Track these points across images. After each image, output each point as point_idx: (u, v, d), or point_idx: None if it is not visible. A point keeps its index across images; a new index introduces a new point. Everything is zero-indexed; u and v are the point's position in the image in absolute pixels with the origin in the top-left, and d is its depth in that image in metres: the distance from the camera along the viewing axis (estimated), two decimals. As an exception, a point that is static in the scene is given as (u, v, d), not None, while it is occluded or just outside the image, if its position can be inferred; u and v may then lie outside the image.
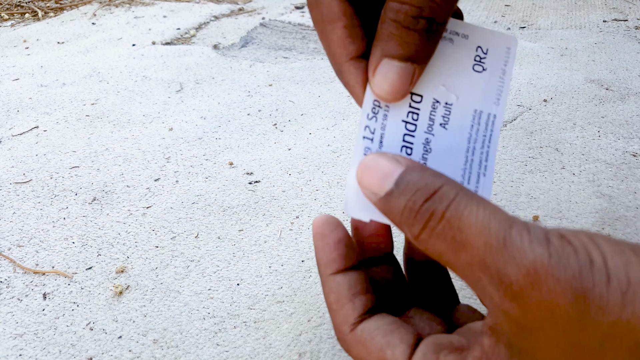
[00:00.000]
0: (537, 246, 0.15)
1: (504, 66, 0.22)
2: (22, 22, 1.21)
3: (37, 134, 0.68)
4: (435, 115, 0.21)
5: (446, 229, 0.17)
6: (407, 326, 0.21)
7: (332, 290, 0.22)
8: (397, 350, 0.19)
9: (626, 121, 0.69)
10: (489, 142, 0.22)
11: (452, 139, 0.21)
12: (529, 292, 0.15)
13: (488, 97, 0.22)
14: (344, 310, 0.21)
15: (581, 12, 1.21)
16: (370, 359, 0.20)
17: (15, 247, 0.48)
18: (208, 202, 0.53)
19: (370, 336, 0.20)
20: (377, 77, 0.20)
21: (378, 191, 0.19)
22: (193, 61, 0.92)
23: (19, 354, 0.37)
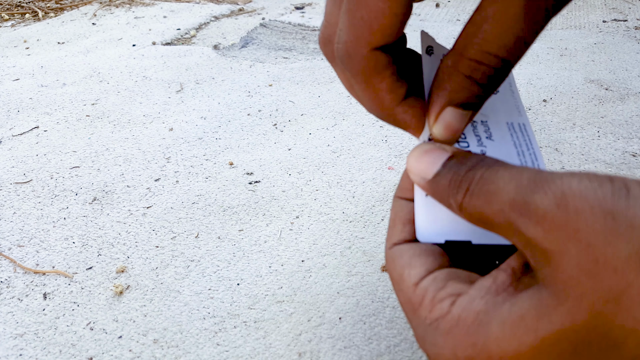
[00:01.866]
0: (568, 176, 0.16)
1: (510, 86, 0.26)
2: (22, 23, 1.21)
3: (37, 134, 0.68)
4: (479, 132, 0.24)
5: (483, 185, 0.18)
6: (437, 256, 0.22)
7: (393, 209, 0.24)
8: (414, 271, 0.21)
9: (626, 121, 0.69)
10: (532, 144, 0.24)
11: (502, 146, 0.23)
12: (554, 213, 0.16)
13: (510, 111, 0.25)
14: (394, 229, 0.23)
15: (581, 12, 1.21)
16: (393, 274, 0.22)
17: (15, 247, 0.48)
18: (208, 202, 0.53)
19: (399, 255, 0.22)
20: (439, 122, 0.22)
21: (427, 175, 0.20)
22: (193, 61, 0.92)
23: (19, 353, 0.37)
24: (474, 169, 0.19)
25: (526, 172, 0.17)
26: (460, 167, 0.19)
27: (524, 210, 0.16)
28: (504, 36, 0.19)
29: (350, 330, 0.38)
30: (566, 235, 0.15)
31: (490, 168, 0.18)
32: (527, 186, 0.17)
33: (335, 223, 0.50)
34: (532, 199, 0.16)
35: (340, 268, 0.44)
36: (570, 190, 0.16)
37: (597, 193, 0.15)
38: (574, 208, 0.15)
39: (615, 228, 0.15)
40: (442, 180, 0.20)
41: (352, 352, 0.37)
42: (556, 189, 0.16)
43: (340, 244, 0.47)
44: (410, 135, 0.66)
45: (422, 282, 0.20)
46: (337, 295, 0.41)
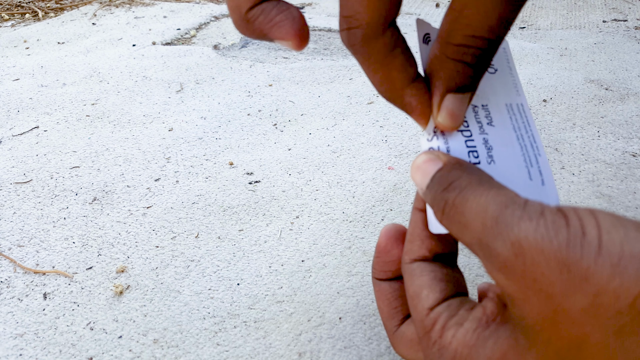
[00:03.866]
0: (526, 221, 0.16)
1: (508, 63, 0.26)
2: (22, 23, 1.21)
3: (37, 134, 0.68)
4: (480, 118, 0.24)
5: (454, 213, 0.19)
6: (455, 283, 0.22)
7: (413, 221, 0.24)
8: (432, 295, 0.21)
9: (626, 121, 0.69)
10: (529, 126, 0.24)
11: (502, 132, 0.24)
12: (513, 264, 0.16)
13: (509, 91, 0.25)
14: (413, 244, 0.23)
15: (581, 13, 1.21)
16: (410, 290, 0.22)
17: (15, 247, 0.48)
18: (208, 202, 0.53)
19: (420, 273, 0.22)
20: (442, 112, 0.22)
21: (422, 187, 0.22)
22: (193, 61, 0.92)
23: (19, 353, 0.37)
24: (446, 190, 0.20)
25: (492, 207, 0.17)
26: (438, 186, 0.20)
27: (489, 255, 0.17)
28: (486, 18, 0.20)
29: (351, 330, 0.38)
30: (526, 284, 0.16)
31: (460, 194, 0.19)
32: (490, 228, 0.17)
33: (335, 223, 0.50)
34: (494, 245, 0.17)
35: (340, 268, 0.44)
36: (526, 240, 0.16)
37: (552, 243, 0.15)
38: (530, 259, 0.16)
39: (570, 280, 0.15)
40: (429, 194, 0.21)
41: (352, 352, 0.37)
42: (514, 237, 0.16)
43: (340, 244, 0.47)
44: (410, 135, 0.66)
45: (438, 307, 0.21)
46: (337, 295, 0.41)
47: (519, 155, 0.23)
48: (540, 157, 0.24)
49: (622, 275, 0.14)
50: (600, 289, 0.15)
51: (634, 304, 0.14)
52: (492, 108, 0.24)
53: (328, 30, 1.11)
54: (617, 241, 0.15)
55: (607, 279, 0.15)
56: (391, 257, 0.25)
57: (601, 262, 0.15)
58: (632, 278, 0.14)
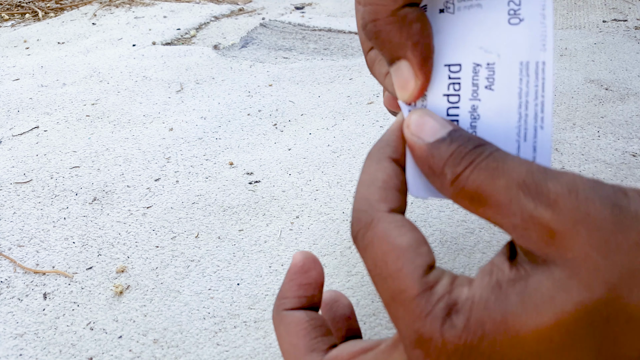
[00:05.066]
0: (576, 174, 0.17)
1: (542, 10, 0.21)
2: (22, 23, 1.21)
3: (37, 134, 0.68)
4: (478, 80, 0.21)
5: (490, 161, 0.18)
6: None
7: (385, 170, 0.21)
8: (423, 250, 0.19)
9: (626, 121, 0.69)
10: (543, 91, 0.21)
11: (501, 98, 0.21)
12: (566, 199, 0.16)
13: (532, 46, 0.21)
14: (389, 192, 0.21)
15: (581, 13, 1.21)
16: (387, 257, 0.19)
17: (15, 247, 0.48)
18: (208, 202, 0.53)
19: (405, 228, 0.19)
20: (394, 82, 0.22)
21: (427, 137, 0.19)
22: (193, 61, 0.92)
23: (19, 353, 0.37)
24: (482, 147, 0.18)
25: (536, 165, 0.18)
26: (468, 142, 0.19)
27: (535, 192, 0.17)
28: None
29: (350, 330, 0.38)
30: (577, 218, 0.16)
31: (499, 150, 0.18)
32: (539, 172, 0.17)
33: (335, 223, 0.50)
34: (545, 183, 0.17)
35: (340, 268, 0.44)
36: (581, 181, 0.17)
37: (602, 190, 0.17)
38: (584, 196, 0.16)
39: (622, 217, 0.16)
40: (443, 147, 0.19)
41: (352, 352, 0.36)
42: (568, 179, 0.17)
43: (340, 244, 0.47)
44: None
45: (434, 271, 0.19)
46: (337, 295, 0.41)
47: (512, 127, 0.21)
48: (542, 131, 0.21)
49: None
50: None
51: None
52: (499, 67, 0.21)
53: (328, 30, 1.11)
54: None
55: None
56: (308, 279, 0.24)
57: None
58: None
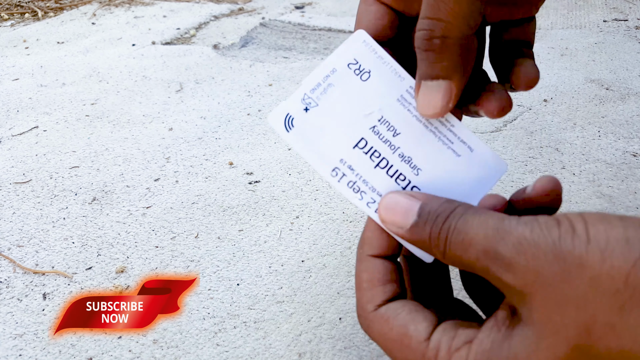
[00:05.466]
0: (522, 225, 0.18)
1: (375, 54, 0.24)
2: (22, 22, 1.21)
3: (36, 134, 0.68)
4: (384, 136, 0.23)
5: (457, 236, 0.19)
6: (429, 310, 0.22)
7: (367, 270, 0.23)
8: (420, 327, 0.21)
9: (626, 121, 0.69)
10: (449, 121, 0.24)
11: (410, 133, 0.23)
12: (517, 261, 0.18)
13: (393, 83, 0.24)
14: (374, 291, 0.23)
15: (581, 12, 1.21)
16: (391, 335, 0.21)
17: (15, 247, 0.47)
18: (208, 202, 0.53)
19: (394, 314, 0.22)
20: (419, 99, 0.23)
21: (404, 225, 0.21)
22: (193, 61, 0.92)
23: (19, 354, 0.37)
24: (448, 220, 0.20)
25: (491, 221, 0.19)
26: (437, 218, 0.20)
27: (494, 259, 0.18)
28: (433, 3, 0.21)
29: (350, 330, 0.38)
30: (531, 278, 0.17)
31: (461, 217, 0.20)
32: (493, 237, 0.18)
33: (335, 223, 0.50)
34: (499, 249, 0.18)
35: (340, 268, 0.44)
36: (525, 239, 0.18)
37: (547, 239, 0.17)
38: (530, 254, 0.17)
39: (567, 269, 0.17)
40: (421, 231, 0.21)
41: (352, 353, 0.36)
42: (514, 238, 0.18)
43: (340, 244, 0.47)
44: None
45: (433, 335, 0.20)
46: (337, 295, 0.41)
47: (435, 142, 0.23)
48: (455, 127, 0.23)
49: (611, 258, 0.16)
50: (595, 273, 0.16)
51: (627, 281, 0.16)
52: (387, 115, 0.23)
53: (328, 29, 1.11)
54: (602, 230, 0.17)
55: (599, 263, 0.16)
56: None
57: (591, 249, 0.16)
58: (620, 258, 0.16)
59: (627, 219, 0.17)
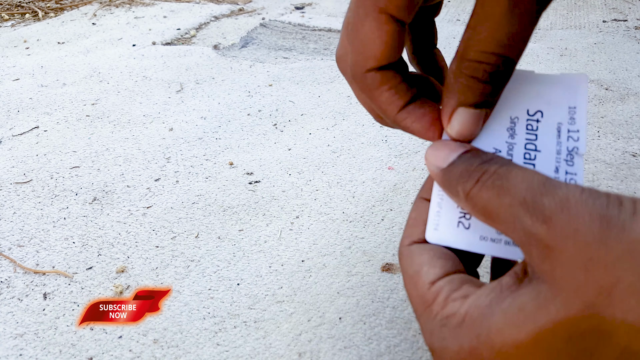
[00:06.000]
0: (573, 188, 0.18)
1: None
2: (22, 22, 1.21)
3: (37, 134, 0.68)
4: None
5: (496, 179, 0.19)
6: (456, 262, 0.23)
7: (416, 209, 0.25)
8: (432, 271, 0.22)
9: (626, 121, 0.69)
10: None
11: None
12: (558, 215, 0.17)
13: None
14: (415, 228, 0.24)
15: (581, 13, 1.21)
16: (409, 270, 0.23)
17: (15, 247, 0.48)
18: (208, 202, 0.53)
19: (419, 252, 0.23)
20: (452, 124, 0.23)
21: (442, 164, 0.22)
22: (193, 61, 0.92)
23: (19, 353, 0.37)
24: (487, 163, 0.20)
25: (537, 176, 0.19)
26: (474, 159, 0.21)
27: (533, 209, 0.18)
28: (497, 34, 0.21)
29: (350, 330, 0.38)
30: (567, 234, 0.17)
31: (503, 166, 0.20)
32: (537, 189, 0.18)
33: (335, 223, 0.50)
34: (541, 201, 0.18)
35: (340, 268, 0.44)
36: (573, 197, 0.18)
37: (595, 202, 0.17)
38: (575, 212, 0.17)
39: (608, 231, 0.17)
40: (454, 169, 0.21)
41: (352, 352, 0.37)
42: (562, 194, 0.18)
43: (340, 244, 0.47)
44: (410, 135, 0.66)
45: (439, 281, 0.21)
46: (337, 295, 0.41)
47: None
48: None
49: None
50: (635, 238, 0.16)
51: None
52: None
53: (328, 30, 1.11)
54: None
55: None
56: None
57: (636, 219, 0.17)
58: None
59: None
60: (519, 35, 0.21)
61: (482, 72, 0.21)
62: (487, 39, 0.21)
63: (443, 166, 0.22)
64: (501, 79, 0.22)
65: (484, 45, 0.21)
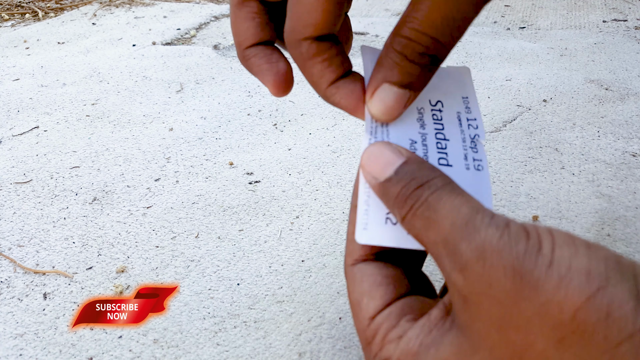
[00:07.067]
0: (493, 229, 0.17)
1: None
2: (22, 23, 1.21)
3: (37, 134, 0.68)
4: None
5: (425, 210, 0.19)
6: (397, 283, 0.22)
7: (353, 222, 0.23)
8: (372, 303, 0.21)
9: (626, 121, 0.69)
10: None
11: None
12: (474, 265, 0.17)
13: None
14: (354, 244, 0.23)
15: (581, 13, 1.21)
16: (351, 297, 0.22)
17: (15, 247, 0.48)
18: (208, 202, 0.53)
19: (360, 278, 0.22)
20: (374, 99, 0.22)
21: (379, 176, 0.21)
22: (193, 61, 0.92)
23: (19, 353, 0.37)
24: (421, 188, 0.19)
25: (462, 211, 0.18)
26: (411, 181, 0.20)
27: (452, 254, 0.17)
28: (432, 15, 0.20)
29: (350, 330, 0.38)
30: (481, 289, 0.17)
31: (435, 192, 0.19)
32: (459, 229, 0.17)
33: (335, 223, 0.50)
34: (460, 246, 0.17)
35: (340, 268, 0.44)
36: (490, 245, 0.17)
37: (512, 251, 0.16)
38: (490, 263, 0.16)
39: (522, 288, 0.16)
40: (392, 187, 0.20)
41: (352, 352, 0.37)
42: (479, 240, 0.17)
43: (340, 244, 0.47)
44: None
45: (378, 317, 0.21)
46: (337, 295, 0.41)
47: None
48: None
49: (567, 287, 0.15)
50: (547, 299, 0.15)
51: (574, 316, 0.15)
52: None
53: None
54: (566, 256, 0.16)
55: (554, 290, 0.15)
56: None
57: (550, 274, 0.16)
58: (576, 291, 0.15)
59: (593, 248, 0.16)
60: (455, 20, 0.20)
61: (411, 51, 0.21)
62: (422, 18, 0.20)
63: (380, 179, 0.21)
64: (430, 63, 0.21)
65: (418, 24, 0.20)
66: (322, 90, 0.24)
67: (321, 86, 0.23)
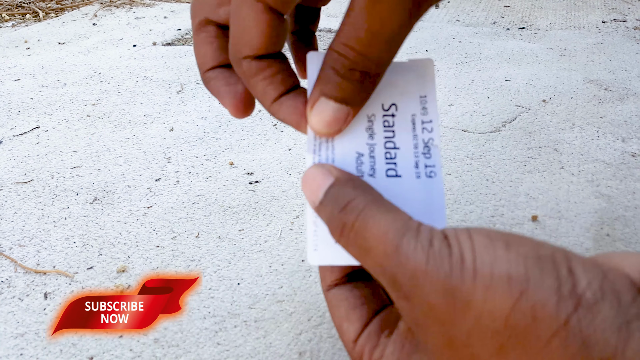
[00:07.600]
0: (419, 252, 0.17)
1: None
2: (23, 23, 1.21)
3: (38, 134, 0.68)
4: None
5: (355, 237, 0.18)
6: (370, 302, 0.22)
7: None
8: (351, 327, 0.22)
9: (625, 121, 0.69)
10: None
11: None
12: (414, 293, 0.17)
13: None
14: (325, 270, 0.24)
15: (580, 13, 1.21)
16: (334, 322, 0.23)
17: (16, 246, 0.48)
18: (209, 202, 0.53)
19: (337, 304, 0.23)
20: (313, 113, 0.21)
21: (314, 201, 0.21)
22: (194, 62, 0.92)
23: (20, 353, 0.37)
24: (344, 211, 0.19)
25: (391, 233, 0.18)
26: (335, 205, 0.19)
27: (393, 284, 0.18)
28: (357, 29, 0.19)
29: (350, 329, 0.38)
30: (425, 313, 0.17)
31: (359, 216, 0.18)
32: (392, 257, 0.17)
33: (335, 223, 0.50)
34: (397, 277, 0.17)
35: (340, 268, 0.44)
36: (420, 270, 0.17)
37: (439, 273, 0.16)
38: (425, 289, 0.17)
39: (455, 307, 0.16)
40: (323, 211, 0.20)
41: (352, 352, 0.37)
42: (411, 268, 0.17)
43: (340, 244, 0.47)
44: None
45: (360, 339, 0.21)
46: (337, 294, 0.41)
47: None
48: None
49: (493, 297, 0.16)
50: (479, 312, 0.16)
51: (506, 323, 0.15)
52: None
53: (328, 30, 1.11)
54: (487, 263, 0.16)
55: (482, 302, 0.16)
56: None
57: (477, 286, 0.16)
58: (502, 298, 0.16)
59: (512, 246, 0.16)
60: (382, 35, 0.19)
61: (341, 66, 0.20)
62: (348, 31, 0.19)
63: (316, 204, 0.20)
64: (362, 79, 0.20)
65: (345, 38, 0.19)
66: (267, 107, 0.23)
67: (265, 103, 0.23)
